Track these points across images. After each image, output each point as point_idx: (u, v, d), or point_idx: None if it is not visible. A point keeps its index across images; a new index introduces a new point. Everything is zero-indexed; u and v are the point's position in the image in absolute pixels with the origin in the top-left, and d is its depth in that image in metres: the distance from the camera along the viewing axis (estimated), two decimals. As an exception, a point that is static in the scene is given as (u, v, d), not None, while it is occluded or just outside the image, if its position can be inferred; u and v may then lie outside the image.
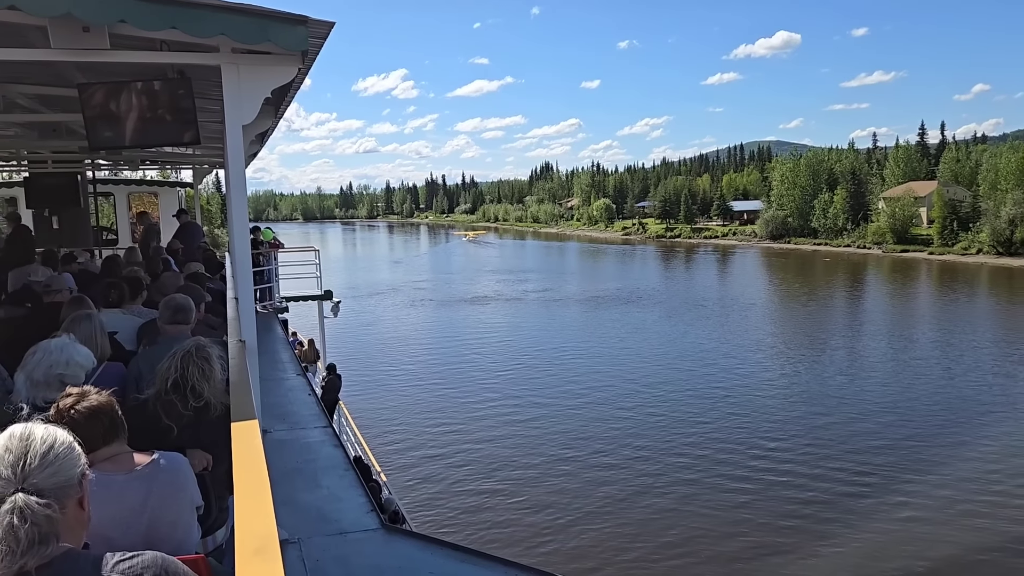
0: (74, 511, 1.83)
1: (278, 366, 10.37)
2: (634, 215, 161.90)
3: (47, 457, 1.78)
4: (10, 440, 1.80)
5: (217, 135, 9.30)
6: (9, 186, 18.29)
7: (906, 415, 27.26)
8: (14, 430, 1.84)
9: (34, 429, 1.85)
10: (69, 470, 1.82)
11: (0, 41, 5.65)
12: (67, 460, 1.83)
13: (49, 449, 1.80)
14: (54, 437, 1.85)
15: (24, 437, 1.81)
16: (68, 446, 1.86)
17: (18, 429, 1.84)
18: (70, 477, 1.82)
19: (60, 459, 1.81)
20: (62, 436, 1.88)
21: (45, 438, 1.82)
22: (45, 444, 1.80)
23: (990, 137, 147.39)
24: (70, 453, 1.85)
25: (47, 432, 1.85)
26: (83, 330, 4.53)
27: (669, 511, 19.75)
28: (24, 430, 1.83)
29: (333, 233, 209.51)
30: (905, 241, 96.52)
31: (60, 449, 1.83)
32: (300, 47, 4.35)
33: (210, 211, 66.32)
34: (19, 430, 1.83)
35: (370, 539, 4.96)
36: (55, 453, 1.81)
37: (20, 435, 1.81)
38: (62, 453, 1.82)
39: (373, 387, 31.62)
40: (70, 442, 1.88)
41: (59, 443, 1.84)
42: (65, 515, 1.78)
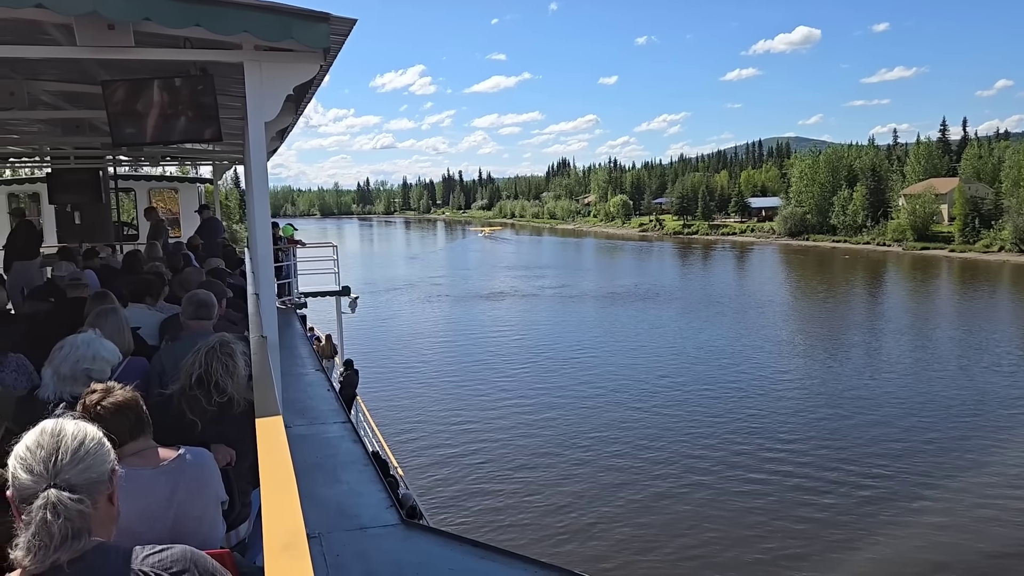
0: (104, 506, 1.85)
1: (297, 361, 10.40)
2: (651, 212, 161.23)
3: (78, 453, 1.79)
4: (41, 436, 1.81)
5: (237, 131, 9.37)
6: (32, 181, 18.48)
7: (926, 416, 27.00)
8: (45, 426, 1.85)
9: (65, 425, 1.86)
10: (100, 466, 1.84)
11: (26, 39, 5.73)
12: (97, 456, 1.84)
13: (80, 445, 1.81)
14: (84, 433, 1.86)
15: (55, 433, 1.82)
16: (98, 442, 1.88)
17: (49, 425, 1.85)
18: (101, 473, 1.83)
19: (91, 455, 1.82)
20: (92, 432, 1.89)
21: (76, 434, 1.84)
22: (76, 440, 1.81)
23: (1013, 133, 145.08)
24: (100, 449, 1.87)
25: (78, 428, 1.86)
26: (108, 325, 4.57)
27: (686, 510, 19.69)
28: (55, 426, 1.84)
29: (350, 229, 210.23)
30: (925, 238, 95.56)
31: (91, 445, 1.84)
32: (322, 44, 4.36)
33: (228, 207, 66.68)
34: (50, 426, 1.84)
35: (390, 535, 4.96)
36: (86, 449, 1.82)
37: (51, 431, 1.82)
38: (93, 449, 1.84)
39: (390, 382, 31.73)
40: (100, 438, 1.90)
41: (89, 439, 1.85)
42: (96, 510, 1.79)
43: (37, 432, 1.83)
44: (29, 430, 1.88)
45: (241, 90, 7.16)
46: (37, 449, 1.78)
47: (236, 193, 72.03)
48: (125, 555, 1.83)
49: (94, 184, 14.87)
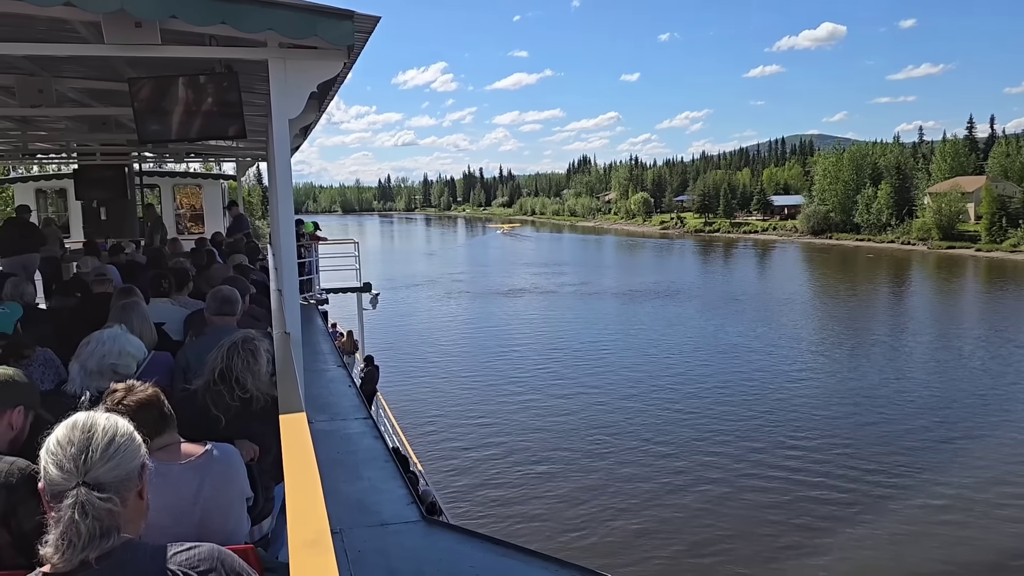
0: (134, 502, 1.84)
1: (319, 357, 10.48)
2: (672, 209, 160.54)
3: (108, 450, 1.78)
4: (72, 431, 1.80)
5: (260, 128, 9.43)
6: (59, 178, 18.72)
7: (949, 418, 26.65)
8: (77, 420, 1.84)
9: (96, 419, 1.85)
10: (130, 462, 1.83)
11: (55, 37, 5.80)
12: (128, 452, 1.83)
13: (111, 442, 1.80)
14: (115, 428, 1.85)
15: (86, 428, 1.81)
16: (129, 437, 1.87)
17: (81, 419, 1.84)
18: (131, 470, 1.82)
19: (121, 451, 1.81)
20: (123, 427, 1.88)
21: (107, 429, 1.83)
22: (107, 436, 1.80)
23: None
24: (131, 444, 1.86)
25: (109, 423, 1.85)
26: (132, 320, 4.62)
27: (705, 507, 19.59)
28: (86, 421, 1.84)
29: (371, 225, 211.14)
30: (951, 237, 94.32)
31: (121, 441, 1.83)
32: (346, 42, 4.37)
33: (251, 203, 67.23)
34: (82, 420, 1.83)
35: (410, 531, 4.99)
36: (116, 445, 1.81)
37: (82, 426, 1.81)
38: (123, 445, 1.83)
39: (410, 378, 31.85)
40: (131, 432, 1.89)
41: (120, 434, 1.84)
42: (126, 507, 1.79)
43: (68, 426, 1.82)
44: (60, 421, 1.87)
45: (265, 87, 7.20)
46: (68, 445, 1.77)
47: (259, 190, 72.60)
48: (153, 552, 1.82)
49: (119, 180, 15.05)
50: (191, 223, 19.72)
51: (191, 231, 18.81)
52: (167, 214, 19.41)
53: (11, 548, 2.47)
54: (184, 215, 19.93)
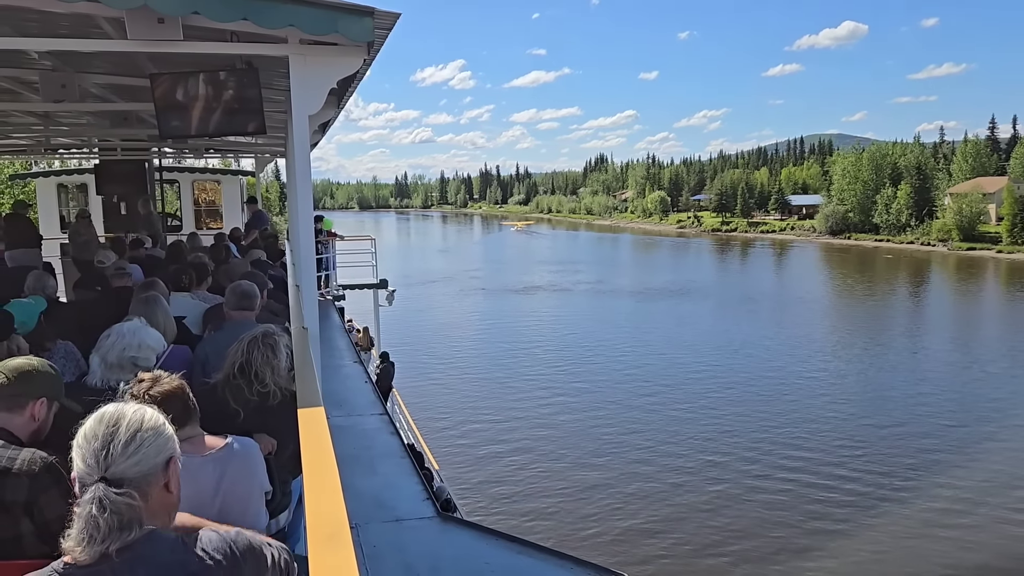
0: (159, 495, 1.84)
1: (335, 353, 10.53)
2: (689, 208, 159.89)
3: (130, 446, 1.78)
4: (98, 424, 1.80)
5: (279, 124, 9.46)
6: (80, 173, 18.87)
7: (964, 421, 26.38)
8: (104, 413, 1.83)
9: (123, 413, 1.84)
10: (154, 457, 1.82)
11: (78, 32, 5.85)
12: (152, 447, 1.82)
13: (134, 436, 1.80)
14: (140, 422, 1.83)
15: (111, 423, 1.80)
16: (155, 432, 1.85)
17: (108, 412, 1.84)
18: (155, 465, 1.82)
19: (145, 446, 1.81)
20: (150, 421, 1.86)
21: (132, 424, 1.81)
22: (130, 431, 1.80)
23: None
24: (156, 439, 1.84)
25: (135, 417, 1.84)
26: (152, 313, 4.66)
27: (718, 506, 19.52)
28: (113, 414, 1.83)
29: (388, 222, 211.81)
30: (972, 239, 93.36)
31: (147, 435, 1.82)
32: (366, 38, 4.38)
33: (269, 199, 67.61)
34: (108, 414, 1.83)
35: (426, 527, 5.00)
36: (140, 439, 1.80)
37: (108, 420, 1.81)
38: (148, 440, 1.82)
39: (426, 375, 31.92)
40: (158, 426, 1.87)
41: (146, 428, 1.83)
42: (148, 500, 1.79)
43: (96, 419, 1.82)
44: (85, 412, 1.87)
45: (284, 83, 7.24)
46: (92, 439, 1.77)
47: (277, 186, 72.98)
48: (173, 545, 1.81)
49: (140, 176, 15.17)
50: (209, 218, 19.84)
51: (209, 226, 18.93)
52: (186, 209, 19.54)
53: (34, 537, 2.51)
54: (203, 211, 20.06)
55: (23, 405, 2.75)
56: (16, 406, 2.74)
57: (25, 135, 13.02)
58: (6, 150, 15.32)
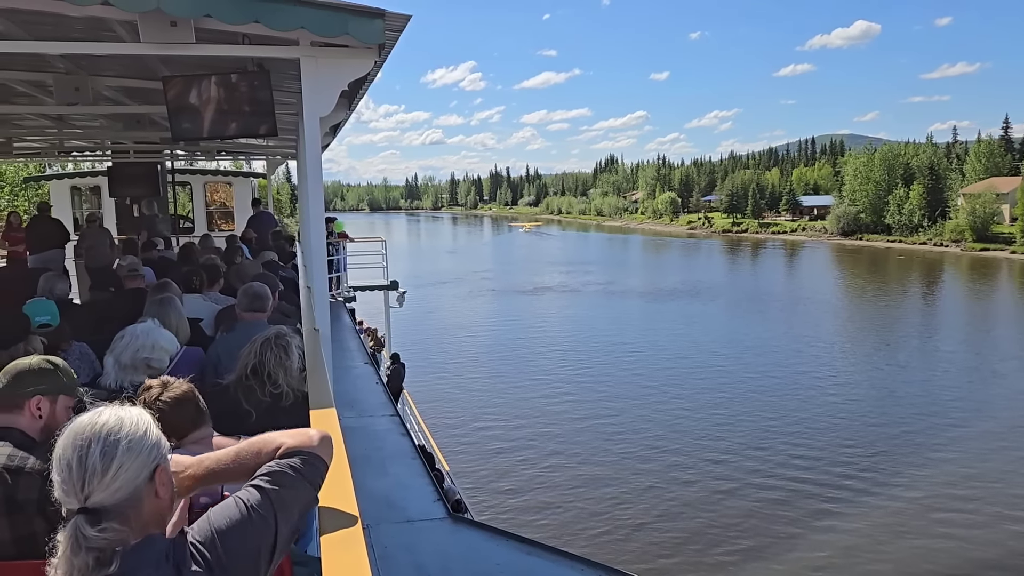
0: (149, 505, 1.71)
1: (346, 354, 10.56)
2: (700, 209, 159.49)
3: (108, 473, 1.63)
4: (70, 450, 1.65)
5: (290, 127, 9.50)
6: (94, 175, 19.01)
7: (976, 422, 26.19)
8: (76, 432, 1.68)
9: (96, 433, 1.67)
10: (136, 477, 1.68)
11: (92, 36, 5.89)
12: (133, 467, 1.67)
13: (111, 462, 1.64)
14: (117, 443, 1.67)
15: (84, 445, 1.65)
16: (134, 448, 1.69)
17: (79, 432, 1.68)
18: (137, 485, 1.68)
19: (124, 469, 1.66)
20: (128, 434, 1.69)
21: (108, 446, 1.66)
22: (107, 456, 1.65)
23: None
24: (136, 457, 1.69)
25: (110, 436, 1.67)
26: (166, 314, 4.69)
27: (727, 507, 19.46)
28: (84, 435, 1.67)
29: (398, 223, 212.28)
30: (985, 239, 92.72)
31: (125, 458, 1.66)
32: (377, 40, 4.39)
33: (280, 200, 67.90)
34: (79, 434, 1.67)
35: (437, 528, 5.01)
36: (118, 464, 1.65)
37: (80, 442, 1.65)
38: (127, 462, 1.66)
39: (436, 376, 31.96)
40: (137, 438, 1.70)
41: (123, 448, 1.67)
42: (137, 517, 1.67)
43: (68, 440, 1.67)
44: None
45: (295, 86, 7.26)
46: (66, 467, 1.64)
47: (288, 187, 73.28)
48: (158, 558, 1.66)
49: (152, 178, 15.25)
50: (221, 220, 19.95)
51: (221, 228, 19.02)
52: (198, 211, 19.65)
53: (47, 535, 2.52)
54: (215, 212, 20.17)
55: (20, 404, 2.75)
56: (14, 406, 2.75)
57: (39, 138, 13.13)
58: (21, 152, 15.45)
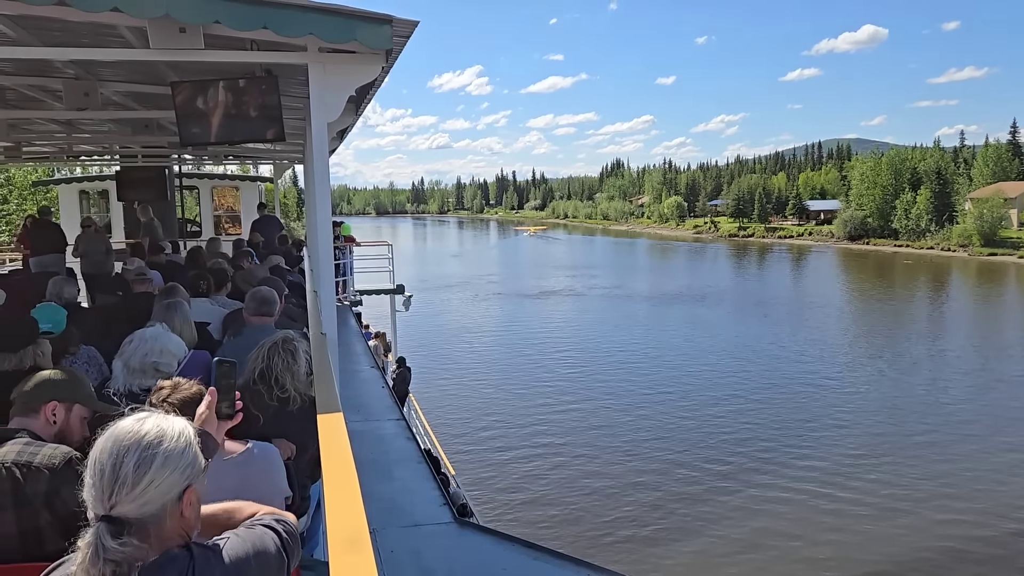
0: (173, 524, 1.70)
1: (353, 358, 10.58)
2: (706, 213, 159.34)
3: (138, 487, 1.62)
4: (107, 454, 1.65)
5: (297, 131, 9.55)
6: (102, 179, 19.10)
7: (983, 430, 26.02)
8: (117, 437, 1.67)
9: (137, 441, 1.67)
10: (165, 495, 1.66)
11: (101, 41, 5.93)
12: (164, 484, 1.66)
13: (143, 476, 1.63)
14: (153, 457, 1.66)
15: (121, 452, 1.64)
16: (169, 464, 1.67)
17: (121, 438, 1.67)
18: (164, 504, 1.66)
19: (154, 486, 1.64)
20: (167, 450, 1.68)
21: (143, 459, 1.64)
22: (141, 468, 1.63)
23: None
24: (171, 474, 1.67)
25: (148, 449, 1.66)
26: (174, 318, 4.71)
27: (734, 510, 19.39)
28: (124, 443, 1.66)
29: (404, 227, 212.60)
30: (993, 244, 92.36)
31: (157, 474, 1.65)
32: (385, 46, 4.42)
33: (286, 205, 68.10)
34: (120, 441, 1.66)
35: (443, 532, 5.02)
36: (150, 479, 1.64)
37: (118, 449, 1.65)
38: (158, 478, 1.65)
39: (442, 380, 31.95)
40: (175, 455, 1.69)
41: (158, 463, 1.66)
42: (159, 533, 1.67)
43: (107, 444, 1.66)
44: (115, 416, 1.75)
45: (302, 91, 7.30)
46: (100, 472, 1.63)
47: (294, 192, 73.49)
48: (182, 569, 1.66)
49: (160, 182, 15.34)
50: (228, 224, 20.02)
51: (228, 232, 19.08)
52: (205, 215, 19.73)
53: (53, 530, 2.57)
54: (222, 216, 20.24)
55: (36, 409, 2.87)
56: (30, 410, 2.87)
57: (48, 142, 13.21)
58: (30, 157, 15.54)
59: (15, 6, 4.22)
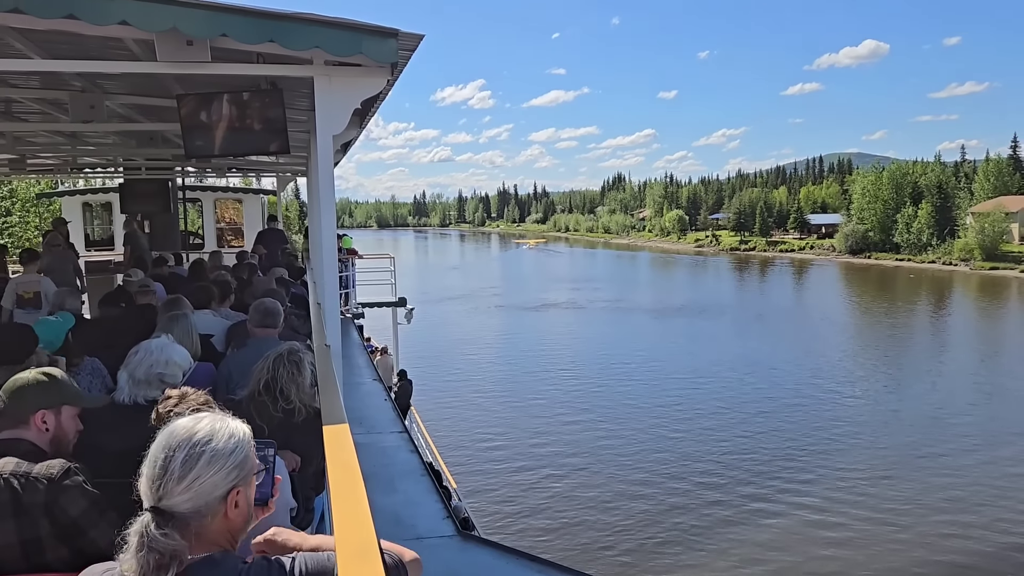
0: (217, 524, 1.75)
1: (355, 371, 10.57)
2: (707, 227, 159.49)
3: (184, 480, 1.69)
4: (162, 448, 1.72)
5: (300, 144, 9.57)
6: (105, 191, 19.16)
7: (986, 446, 25.93)
8: (174, 433, 1.74)
9: (190, 438, 1.73)
10: (210, 493, 1.72)
11: (106, 54, 5.96)
12: (210, 482, 1.72)
13: (190, 470, 1.70)
14: (201, 455, 1.72)
15: (174, 446, 1.71)
16: (217, 464, 1.73)
17: (177, 433, 1.74)
18: (210, 501, 1.72)
19: (200, 482, 1.70)
20: (217, 448, 1.74)
21: (192, 456, 1.71)
22: (189, 463, 1.70)
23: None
24: (216, 473, 1.73)
25: (198, 447, 1.73)
26: (179, 330, 4.71)
27: (733, 522, 19.31)
28: (179, 437, 1.73)
29: (406, 240, 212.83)
30: (995, 258, 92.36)
31: (203, 470, 1.71)
32: (390, 59, 4.44)
33: (288, 217, 68.18)
34: (176, 435, 1.73)
35: (446, 546, 5.00)
36: (197, 474, 1.70)
37: (172, 443, 1.72)
38: (205, 474, 1.71)
39: (443, 392, 31.89)
40: (223, 456, 1.75)
41: (206, 461, 1.72)
42: (201, 530, 1.72)
43: (164, 438, 1.73)
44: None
45: (305, 104, 7.34)
46: (154, 463, 1.70)
47: (296, 204, 73.62)
48: (232, 571, 1.71)
49: (163, 194, 15.37)
50: (231, 237, 20.06)
51: (231, 244, 19.13)
52: (208, 228, 19.77)
53: (53, 539, 2.57)
54: (224, 229, 20.29)
55: (25, 420, 2.81)
56: (20, 421, 2.80)
57: (53, 155, 13.24)
58: (34, 169, 15.58)
59: (23, 19, 4.23)
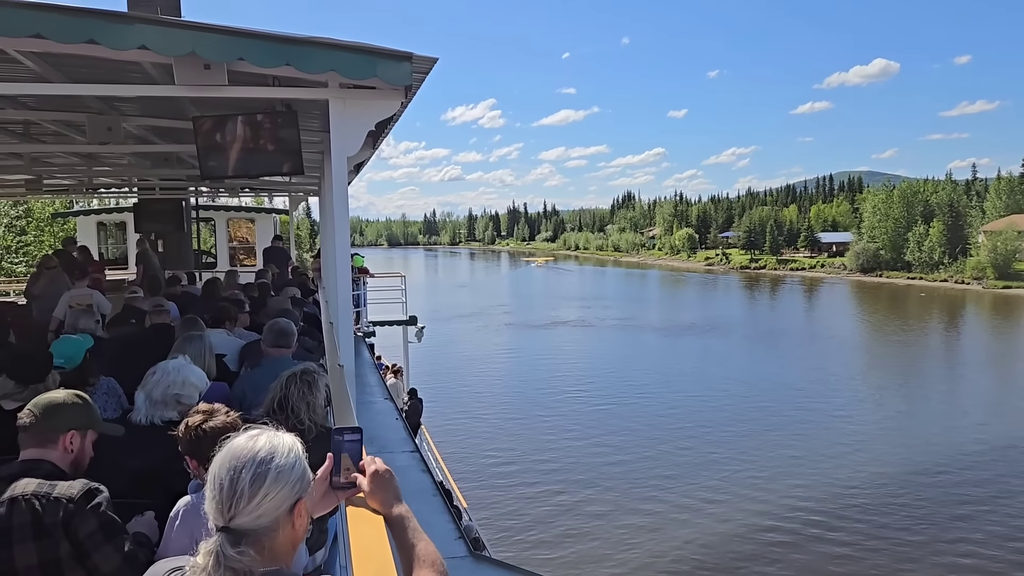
0: (284, 536, 1.78)
1: (366, 389, 10.58)
2: (717, 245, 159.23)
3: (254, 499, 1.71)
4: (225, 469, 1.73)
5: (313, 164, 9.66)
6: (120, 211, 19.34)
7: (1000, 468, 25.66)
8: (234, 453, 1.75)
9: (253, 456, 1.74)
10: (278, 508, 1.74)
11: (124, 78, 6.06)
12: (278, 497, 1.74)
13: (259, 489, 1.71)
14: (267, 472, 1.73)
15: (238, 467, 1.72)
16: (282, 479, 1.75)
17: (238, 453, 1.75)
18: (277, 516, 1.75)
19: (269, 499, 1.72)
20: (280, 464, 1.76)
21: (259, 474, 1.72)
22: (256, 482, 1.71)
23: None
24: (282, 488, 1.75)
25: (262, 464, 1.74)
26: (194, 350, 4.74)
27: (747, 549, 19.13)
28: (241, 457, 1.74)
29: (416, 258, 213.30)
30: (1007, 277, 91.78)
31: (271, 488, 1.72)
32: (404, 82, 4.49)
33: (299, 236, 68.51)
34: (238, 456, 1.74)
35: (458, 566, 4.98)
36: (265, 492, 1.72)
37: (235, 464, 1.73)
38: (272, 491, 1.72)
39: (453, 411, 31.82)
40: (287, 470, 1.76)
41: (272, 477, 1.73)
42: (272, 546, 1.75)
43: (225, 459, 1.75)
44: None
45: (318, 124, 7.42)
46: (219, 486, 1.72)
47: (307, 223, 74.02)
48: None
49: (177, 214, 15.51)
50: (243, 256, 20.18)
51: (244, 263, 19.24)
52: (221, 247, 19.90)
53: (72, 559, 2.59)
54: (237, 248, 20.41)
55: (54, 439, 2.85)
56: (48, 440, 2.84)
57: (68, 175, 13.39)
58: (50, 190, 15.75)
59: (42, 43, 4.31)
